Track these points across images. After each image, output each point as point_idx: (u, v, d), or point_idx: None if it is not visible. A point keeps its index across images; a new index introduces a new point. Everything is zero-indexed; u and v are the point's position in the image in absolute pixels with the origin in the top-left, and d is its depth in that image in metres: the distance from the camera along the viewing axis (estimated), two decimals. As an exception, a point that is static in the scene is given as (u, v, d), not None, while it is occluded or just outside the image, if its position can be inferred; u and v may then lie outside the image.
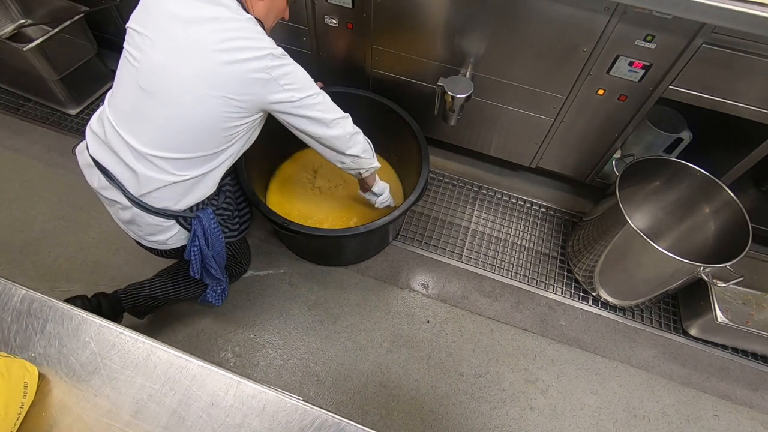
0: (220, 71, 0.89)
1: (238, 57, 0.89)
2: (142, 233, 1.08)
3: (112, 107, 0.97)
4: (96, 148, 1.00)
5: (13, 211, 1.68)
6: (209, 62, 0.89)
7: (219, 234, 1.13)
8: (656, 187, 1.52)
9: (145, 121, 0.93)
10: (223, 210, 1.18)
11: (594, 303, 1.60)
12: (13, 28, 1.91)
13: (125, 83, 0.95)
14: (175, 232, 1.09)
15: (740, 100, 1.23)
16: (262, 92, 0.95)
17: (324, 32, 1.56)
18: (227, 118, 0.95)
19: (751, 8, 0.99)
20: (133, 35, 0.93)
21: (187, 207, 1.05)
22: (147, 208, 1.00)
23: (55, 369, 0.63)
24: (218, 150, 1.00)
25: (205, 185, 1.05)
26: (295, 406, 0.61)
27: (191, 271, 1.15)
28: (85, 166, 1.05)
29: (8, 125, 1.93)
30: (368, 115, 1.62)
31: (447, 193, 1.86)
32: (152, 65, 0.90)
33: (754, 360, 1.52)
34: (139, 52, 0.91)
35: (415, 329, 1.50)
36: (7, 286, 0.69)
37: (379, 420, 1.32)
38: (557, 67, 1.34)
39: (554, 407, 1.38)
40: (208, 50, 0.88)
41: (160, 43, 0.90)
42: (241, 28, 0.91)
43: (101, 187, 1.03)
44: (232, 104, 0.93)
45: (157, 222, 1.04)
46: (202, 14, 0.89)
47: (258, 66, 0.91)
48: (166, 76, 0.90)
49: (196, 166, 1.00)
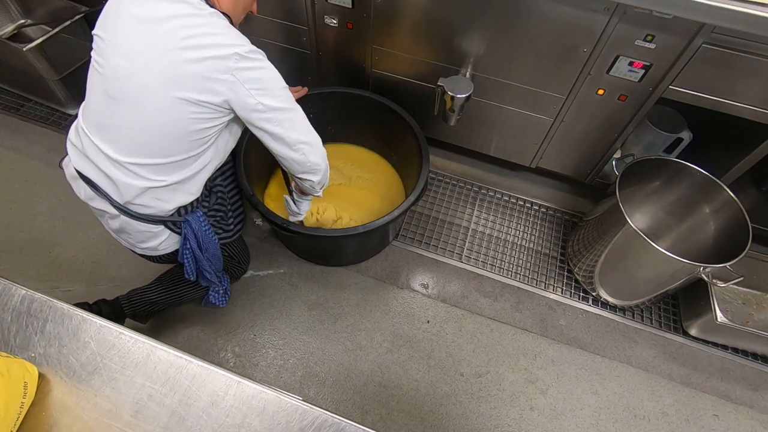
0: (182, 71, 0.84)
1: (199, 55, 0.83)
2: (134, 241, 1.07)
3: (85, 118, 0.95)
4: (77, 159, 0.98)
5: (13, 211, 1.68)
6: (170, 62, 0.83)
7: (212, 236, 1.10)
8: (656, 187, 1.52)
9: (115, 129, 0.90)
10: (216, 211, 1.16)
11: (594, 303, 1.60)
12: (13, 28, 1.91)
13: (95, 92, 0.92)
14: (166, 237, 1.07)
15: (740, 100, 1.23)
16: (227, 95, 0.88)
17: (324, 32, 1.56)
18: (195, 120, 0.89)
19: (751, 8, 0.99)
20: (98, 42, 0.90)
21: (174, 211, 1.03)
22: (134, 216, 0.98)
23: (55, 369, 0.63)
24: (192, 154, 0.95)
25: (187, 191, 1.01)
26: (295, 406, 0.61)
27: (186, 273, 1.13)
28: (71, 178, 1.03)
29: (8, 125, 1.93)
30: (368, 115, 1.63)
31: (447, 193, 1.86)
32: (115, 70, 0.87)
33: (754, 360, 1.52)
34: (103, 59, 0.88)
35: (415, 329, 1.50)
36: (7, 286, 0.69)
37: (379, 420, 1.32)
38: (557, 67, 1.34)
39: (554, 407, 1.38)
40: (167, 50, 0.83)
41: (120, 47, 0.86)
42: (203, 24, 0.85)
43: (88, 198, 1.01)
44: (197, 106, 0.88)
45: (146, 228, 1.02)
46: (161, 13, 0.84)
47: (221, 66, 0.84)
48: (129, 80, 0.86)
49: (172, 171, 0.96)
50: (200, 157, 0.99)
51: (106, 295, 1.33)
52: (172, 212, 1.03)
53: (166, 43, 0.83)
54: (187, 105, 0.87)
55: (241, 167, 1.30)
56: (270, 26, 1.59)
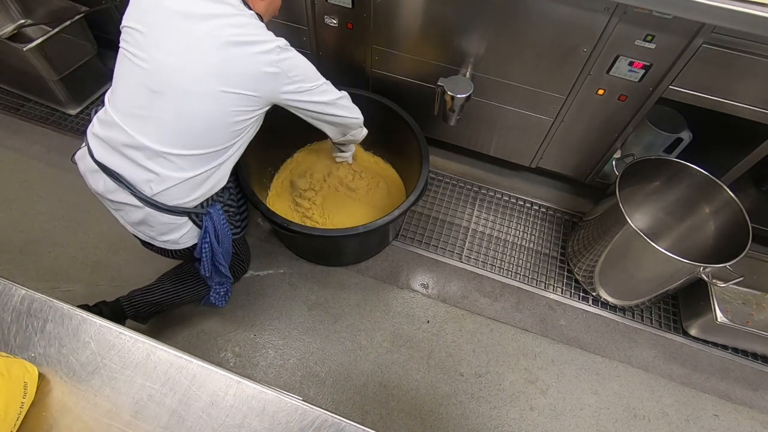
0: (231, 66, 0.90)
1: (247, 51, 0.91)
2: (154, 233, 1.08)
3: (116, 108, 0.96)
4: (102, 152, 0.98)
5: (13, 211, 1.68)
6: (219, 58, 0.89)
7: (227, 230, 1.14)
8: (656, 187, 1.52)
9: (157, 120, 0.93)
10: (228, 206, 1.20)
11: (594, 303, 1.60)
12: (13, 28, 1.91)
13: (129, 83, 0.94)
14: (188, 230, 1.09)
15: (740, 100, 1.23)
16: (273, 85, 0.97)
17: (324, 32, 1.56)
18: (238, 112, 0.96)
19: (751, 8, 0.99)
20: (133, 34, 0.92)
21: (198, 203, 1.06)
22: (160, 207, 1.00)
23: (55, 369, 0.63)
24: (229, 144, 1.02)
25: (215, 178, 1.06)
26: (295, 406, 0.61)
27: (202, 269, 1.15)
28: (89, 171, 1.03)
29: (8, 125, 1.93)
30: (368, 115, 1.62)
31: (447, 193, 1.86)
32: (160, 64, 0.90)
33: (754, 360, 1.52)
34: (144, 52, 0.91)
35: (415, 329, 1.50)
36: (7, 286, 0.69)
37: (379, 420, 1.32)
38: (557, 67, 1.34)
39: (554, 407, 1.38)
40: (216, 46, 0.89)
41: (165, 41, 0.89)
42: (247, 23, 0.93)
43: (108, 191, 1.01)
44: (243, 98, 0.94)
45: (170, 220, 1.04)
46: (207, 11, 0.89)
47: (268, 59, 0.93)
48: (175, 74, 0.90)
49: (210, 161, 1.01)
50: (233, 146, 1.04)
51: (107, 295, 1.33)
52: (196, 204, 1.06)
53: (214, 40, 0.89)
54: (235, 98, 0.94)
55: (242, 168, 1.30)
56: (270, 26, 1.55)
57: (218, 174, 1.06)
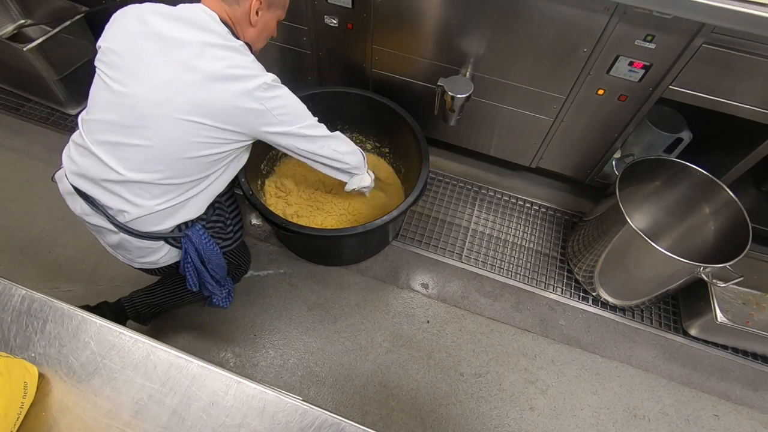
0: (211, 100, 0.87)
1: (230, 87, 0.87)
2: (132, 256, 1.06)
3: (91, 132, 0.92)
4: (75, 175, 0.95)
5: (13, 211, 1.68)
6: (200, 90, 0.86)
7: (213, 247, 1.10)
8: (656, 187, 1.52)
9: (130, 148, 0.89)
10: (214, 223, 1.15)
11: (594, 303, 1.60)
12: (13, 28, 1.92)
13: (105, 107, 0.90)
14: (166, 252, 1.06)
15: (740, 100, 1.23)
16: (255, 122, 0.93)
17: (324, 32, 1.56)
18: (215, 144, 0.93)
19: (751, 8, 0.99)
20: (110, 56, 0.89)
21: (174, 227, 1.02)
22: (133, 233, 0.97)
23: (55, 369, 0.63)
24: (204, 175, 0.98)
25: (192, 207, 1.02)
26: (295, 406, 0.61)
27: (188, 284, 1.12)
28: (66, 193, 1.00)
29: (8, 125, 1.93)
30: (368, 115, 1.63)
31: (447, 193, 1.86)
32: (137, 95, 0.86)
33: (754, 360, 1.52)
34: (121, 76, 0.87)
35: (415, 329, 1.50)
36: (7, 286, 0.69)
37: (379, 420, 1.32)
38: (557, 67, 1.34)
39: (554, 407, 1.38)
40: (198, 78, 0.85)
41: (144, 69, 0.86)
42: (233, 57, 0.89)
43: (84, 214, 0.99)
44: (221, 133, 0.91)
45: (146, 245, 1.01)
46: (191, 38, 0.86)
47: (251, 97, 0.89)
48: (153, 107, 0.86)
49: (185, 191, 0.97)
50: (210, 176, 1.00)
51: (107, 295, 1.33)
52: (172, 229, 1.02)
53: (196, 71, 0.85)
54: (213, 132, 0.90)
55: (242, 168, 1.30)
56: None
57: (195, 203, 1.02)
